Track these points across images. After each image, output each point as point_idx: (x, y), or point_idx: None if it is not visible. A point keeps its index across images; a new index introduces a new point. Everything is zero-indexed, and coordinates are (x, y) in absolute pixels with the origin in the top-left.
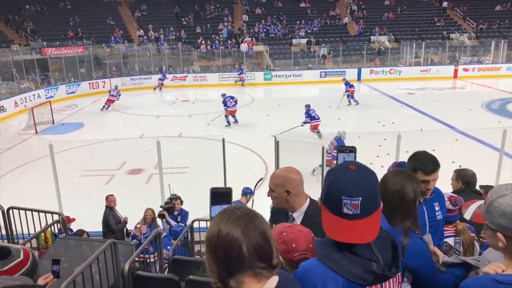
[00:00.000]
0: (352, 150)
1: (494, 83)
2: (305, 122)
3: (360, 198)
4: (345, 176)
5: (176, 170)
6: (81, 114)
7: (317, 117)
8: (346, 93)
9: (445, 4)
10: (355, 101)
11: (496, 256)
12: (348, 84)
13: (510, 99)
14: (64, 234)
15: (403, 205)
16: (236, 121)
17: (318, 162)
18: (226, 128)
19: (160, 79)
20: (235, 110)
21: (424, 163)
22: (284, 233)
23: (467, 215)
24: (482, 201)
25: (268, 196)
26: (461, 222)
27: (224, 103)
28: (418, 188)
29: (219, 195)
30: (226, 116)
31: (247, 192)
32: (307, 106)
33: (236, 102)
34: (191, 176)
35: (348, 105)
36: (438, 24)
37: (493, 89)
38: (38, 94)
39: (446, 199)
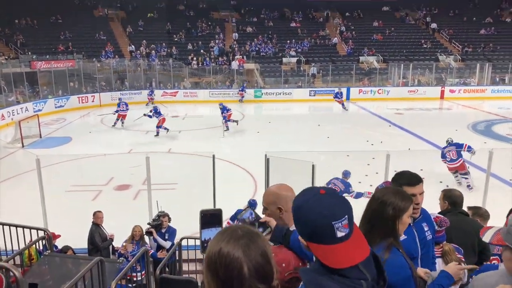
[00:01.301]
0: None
1: (480, 104)
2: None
3: (346, 216)
4: (323, 202)
5: (164, 186)
6: (70, 128)
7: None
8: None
9: (433, 25)
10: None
11: (484, 284)
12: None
13: (495, 121)
14: (49, 251)
15: (382, 222)
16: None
17: (308, 181)
18: (217, 143)
19: (148, 94)
20: (231, 114)
21: (408, 177)
22: (273, 254)
23: (486, 238)
24: (501, 226)
25: (263, 214)
26: (448, 243)
27: (224, 109)
28: (402, 205)
29: (209, 217)
30: (227, 121)
31: (253, 204)
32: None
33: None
34: (180, 193)
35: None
36: (425, 46)
37: (479, 111)
38: (26, 107)
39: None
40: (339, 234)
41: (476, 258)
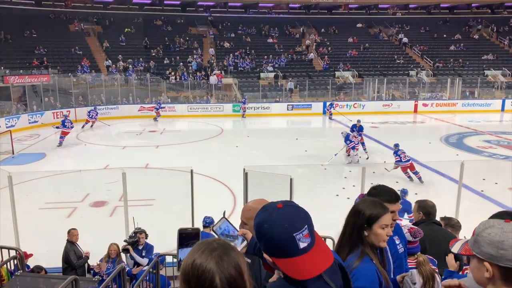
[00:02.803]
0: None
1: (451, 118)
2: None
3: (306, 226)
4: (283, 215)
5: (142, 202)
6: (43, 144)
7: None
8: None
9: (405, 40)
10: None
11: None
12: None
13: (466, 133)
14: (21, 271)
15: (352, 230)
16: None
17: (286, 194)
18: (195, 157)
19: (156, 109)
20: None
21: (388, 194)
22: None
23: (455, 249)
24: (469, 238)
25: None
26: (422, 254)
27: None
28: (376, 214)
29: (187, 236)
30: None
31: (208, 222)
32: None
33: None
34: (158, 208)
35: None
36: (398, 61)
37: (450, 124)
38: None
39: (406, 231)
40: (302, 245)
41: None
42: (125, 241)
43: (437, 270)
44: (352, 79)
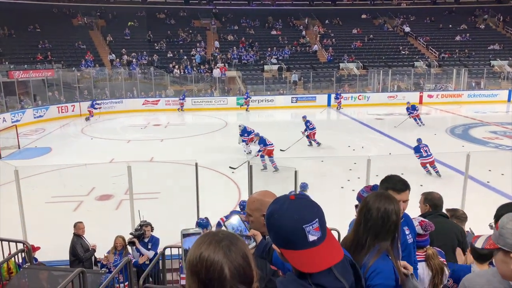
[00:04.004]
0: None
1: (457, 109)
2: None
3: (317, 219)
4: (294, 207)
5: (147, 196)
6: (49, 139)
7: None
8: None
9: (407, 29)
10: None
11: (475, 284)
12: (412, 108)
13: (472, 124)
14: (29, 264)
15: (386, 228)
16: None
17: (291, 186)
18: (200, 151)
19: (180, 99)
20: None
21: (394, 183)
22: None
23: (479, 244)
24: (491, 232)
25: (246, 220)
26: (431, 247)
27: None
28: (399, 209)
29: (190, 236)
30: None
31: (203, 224)
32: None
33: None
34: (163, 202)
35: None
36: (403, 52)
37: (456, 115)
38: (4, 118)
39: (416, 224)
40: (311, 237)
41: (456, 260)
42: (131, 234)
43: (445, 263)
44: (356, 70)
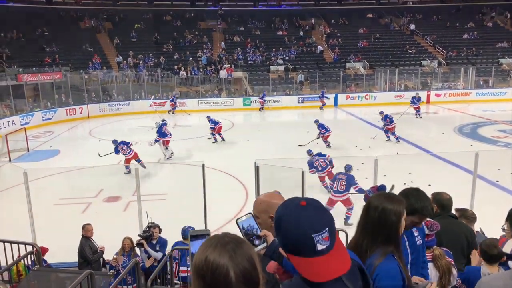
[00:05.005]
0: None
1: (465, 108)
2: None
3: (327, 228)
4: (304, 214)
5: (154, 197)
6: (57, 141)
7: (328, 129)
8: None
9: (412, 27)
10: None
11: (491, 286)
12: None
13: (480, 123)
14: (38, 266)
15: (385, 230)
16: (223, 139)
17: (298, 187)
18: (207, 152)
19: (261, 98)
20: (221, 127)
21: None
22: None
23: (507, 248)
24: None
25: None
26: (438, 247)
27: (212, 122)
28: (401, 210)
29: (198, 238)
30: (213, 134)
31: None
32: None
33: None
34: (170, 203)
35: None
36: (410, 51)
37: (464, 114)
38: (13, 120)
39: (422, 224)
40: (319, 247)
41: (466, 261)
42: (139, 235)
43: (453, 263)
44: (363, 70)
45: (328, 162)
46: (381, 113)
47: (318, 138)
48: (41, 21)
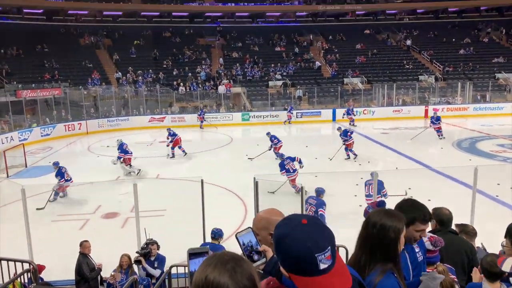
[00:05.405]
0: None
1: (463, 122)
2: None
3: (329, 247)
4: (306, 233)
5: (153, 213)
6: (56, 157)
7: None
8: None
9: (409, 42)
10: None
11: None
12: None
13: (478, 138)
14: (35, 284)
15: (384, 246)
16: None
17: (298, 203)
18: (202, 168)
19: (289, 111)
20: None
21: (425, 214)
22: (271, 282)
23: (506, 267)
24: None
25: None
26: (441, 263)
27: (171, 135)
28: (400, 227)
29: (197, 256)
30: (172, 148)
31: (216, 233)
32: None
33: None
34: (169, 219)
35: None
36: (407, 66)
37: (462, 128)
38: (11, 136)
39: (425, 239)
40: (322, 266)
41: (466, 277)
42: (137, 252)
43: (456, 280)
44: (361, 85)
45: (297, 167)
46: (338, 129)
47: (269, 149)
48: (41, 38)
